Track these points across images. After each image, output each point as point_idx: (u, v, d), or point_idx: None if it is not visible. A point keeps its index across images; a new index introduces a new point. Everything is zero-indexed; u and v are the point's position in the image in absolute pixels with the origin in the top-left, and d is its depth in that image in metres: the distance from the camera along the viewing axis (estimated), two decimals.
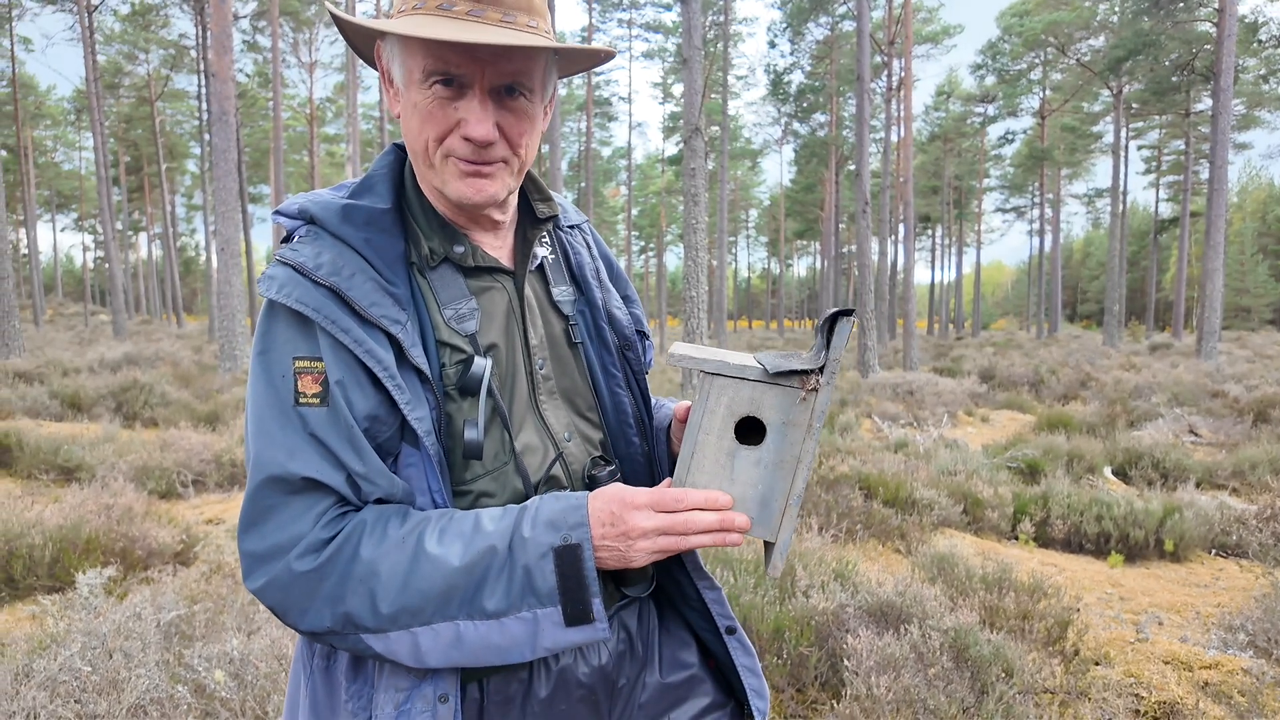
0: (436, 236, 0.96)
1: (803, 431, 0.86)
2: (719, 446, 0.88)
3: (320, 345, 0.85)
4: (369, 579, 0.81)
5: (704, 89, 11.25)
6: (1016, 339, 34.56)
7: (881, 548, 4.47)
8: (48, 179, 48.13)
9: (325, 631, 0.83)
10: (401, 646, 0.83)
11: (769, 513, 0.87)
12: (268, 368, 0.86)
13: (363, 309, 0.85)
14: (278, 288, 0.86)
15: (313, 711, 0.94)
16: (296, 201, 0.94)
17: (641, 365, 1.10)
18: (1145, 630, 3.20)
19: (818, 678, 2.55)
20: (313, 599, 0.82)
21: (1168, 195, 44.95)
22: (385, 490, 0.86)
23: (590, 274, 1.09)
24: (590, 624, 0.82)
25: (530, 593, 0.81)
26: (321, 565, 0.81)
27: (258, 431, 0.85)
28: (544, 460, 0.97)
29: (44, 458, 6.12)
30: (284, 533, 0.82)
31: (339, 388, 0.84)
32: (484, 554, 0.81)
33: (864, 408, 10.25)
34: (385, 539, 0.82)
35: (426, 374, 0.88)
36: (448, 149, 0.89)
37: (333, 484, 0.83)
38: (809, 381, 0.85)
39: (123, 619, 2.22)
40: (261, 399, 0.85)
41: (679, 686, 1.07)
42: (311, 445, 0.83)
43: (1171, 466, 6.52)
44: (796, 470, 0.85)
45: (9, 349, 14.58)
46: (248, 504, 0.84)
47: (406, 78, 0.88)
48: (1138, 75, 27.99)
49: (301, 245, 0.89)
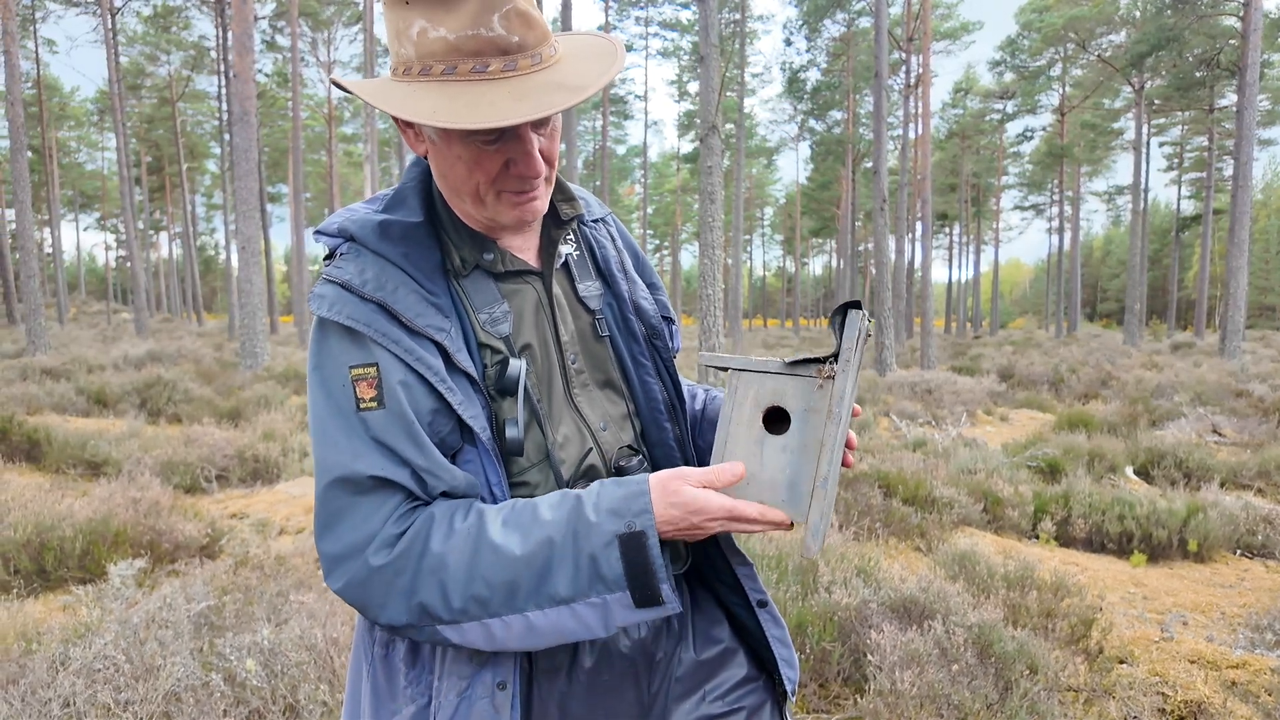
0: (467, 246, 0.99)
1: (823, 417, 0.90)
2: (749, 435, 0.94)
3: (373, 353, 0.88)
4: (439, 570, 0.84)
5: (720, 86, 11.23)
6: (1035, 338, 34.21)
7: (901, 546, 4.45)
8: (71, 179, 48.81)
9: (404, 625, 0.86)
10: (476, 636, 0.86)
11: (798, 494, 0.91)
12: (325, 380, 0.89)
13: (409, 320, 0.89)
14: (328, 306, 0.89)
15: (374, 697, 0.97)
16: (335, 220, 0.98)
17: (670, 353, 1.13)
18: (1170, 629, 3.18)
19: (840, 673, 2.56)
20: (389, 593, 0.85)
21: (1190, 192, 44.35)
22: (449, 483, 0.89)
23: (615, 267, 1.12)
24: (660, 605, 0.85)
25: (598, 580, 0.83)
26: (395, 559, 0.85)
27: (321, 439, 0.88)
28: (581, 450, 1.01)
29: (71, 452, 6.23)
30: (357, 532, 0.86)
31: (399, 388, 0.87)
32: (544, 544, 0.84)
33: (881, 406, 10.20)
34: (453, 532, 0.85)
35: (474, 376, 0.92)
36: (499, 186, 0.92)
37: (399, 480, 0.86)
38: (824, 370, 0.91)
39: (154, 609, 2.27)
40: (323, 410, 0.89)
41: (713, 661, 1.10)
42: (375, 447, 0.86)
43: (1195, 466, 6.44)
44: (820, 454, 0.89)
45: (35, 346, 14.83)
46: (319, 508, 0.88)
47: (443, 136, 0.88)
48: (1160, 70, 27.64)
49: (345, 263, 0.93)
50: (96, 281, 75.47)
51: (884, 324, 15.49)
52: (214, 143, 43.78)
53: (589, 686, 0.99)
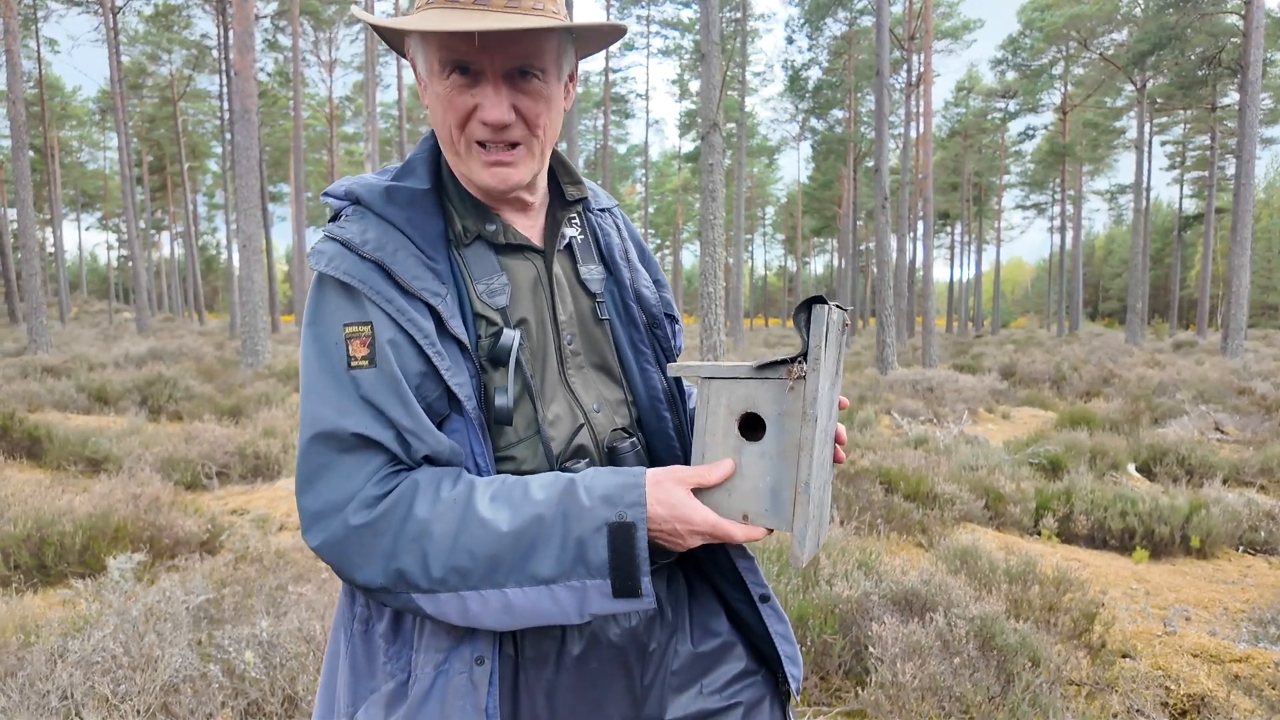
0: (470, 216, 1.00)
1: (798, 420, 0.88)
2: (725, 444, 0.92)
3: (368, 311, 0.89)
4: (421, 538, 0.84)
5: (721, 84, 11.22)
6: (1037, 337, 34.16)
7: (903, 541, 4.44)
8: (73, 179, 48.86)
9: (379, 589, 0.86)
10: (451, 608, 0.85)
11: (780, 502, 0.89)
12: (319, 337, 0.90)
13: (405, 282, 0.89)
14: (326, 260, 0.91)
15: (352, 672, 0.96)
16: (344, 184, 1.00)
17: (670, 343, 1.12)
18: (1173, 624, 3.17)
19: (841, 665, 2.55)
20: (368, 555, 0.85)
21: (1192, 191, 44.25)
22: (432, 447, 0.89)
23: (619, 255, 1.12)
24: (638, 598, 0.84)
25: (581, 563, 0.83)
26: (375, 520, 0.84)
27: (310, 394, 0.88)
28: (572, 428, 1.00)
29: (72, 449, 6.23)
30: (338, 490, 0.85)
31: (388, 347, 0.88)
32: (532, 521, 0.84)
33: (883, 404, 10.19)
34: (439, 499, 0.85)
35: (465, 344, 0.92)
36: (470, 136, 0.93)
37: (383, 440, 0.86)
38: (794, 370, 0.88)
39: (153, 601, 2.26)
40: (314, 365, 0.89)
41: (710, 654, 1.09)
42: (363, 406, 0.87)
43: (1197, 463, 6.42)
44: (800, 457, 0.87)
45: (37, 344, 14.84)
46: (301, 462, 0.88)
47: (428, 69, 0.94)
48: (1162, 69, 27.59)
49: (348, 223, 0.94)
50: (98, 281, 75.56)
51: (885, 323, 15.45)
52: (215, 142, 43.82)
53: (577, 675, 0.97)
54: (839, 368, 0.97)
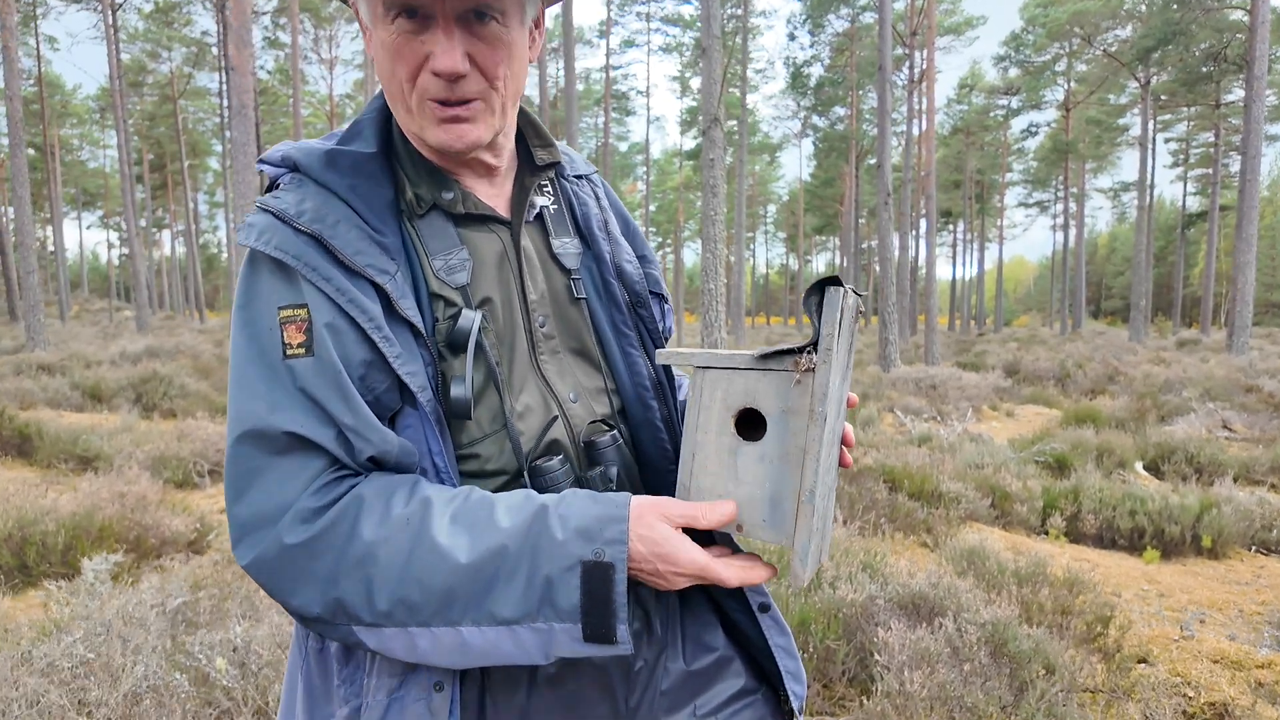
0: (424, 183, 0.88)
1: (804, 419, 0.76)
2: (719, 444, 0.80)
3: (304, 292, 0.78)
4: (366, 563, 0.73)
5: (723, 79, 11.10)
6: (1040, 335, 34.00)
7: (907, 541, 4.34)
8: (74, 177, 48.80)
9: (314, 618, 0.75)
10: (397, 645, 0.74)
11: (781, 514, 0.77)
12: (251, 321, 0.79)
13: (346, 257, 0.78)
14: (256, 235, 0.79)
15: (307, 695, 0.86)
16: (280, 149, 0.88)
17: (656, 324, 1.00)
18: (1190, 628, 3.05)
19: (845, 672, 2.44)
20: (302, 578, 0.74)
21: (1195, 189, 44.09)
22: (379, 447, 0.78)
23: (597, 225, 1.00)
24: (612, 644, 0.73)
25: (549, 605, 0.72)
26: (312, 539, 0.73)
27: (239, 387, 0.77)
28: (544, 421, 0.89)
29: (63, 447, 6.14)
30: (270, 499, 0.74)
31: (326, 332, 0.76)
32: (495, 553, 0.72)
33: (885, 402, 10.08)
34: (388, 517, 0.74)
35: (419, 327, 0.81)
36: (422, 89, 0.81)
37: (321, 441, 0.75)
38: (802, 361, 0.76)
39: (123, 605, 2.16)
40: (244, 354, 0.78)
41: (706, 671, 0.97)
42: (298, 401, 0.75)
43: (1206, 461, 6.31)
44: (804, 462, 0.75)
45: (34, 342, 14.76)
46: (229, 467, 0.76)
47: (371, 14, 0.82)
48: (1166, 65, 27.43)
49: (284, 193, 0.83)
50: (99, 279, 75.55)
51: (888, 320, 15.34)
52: (215, 140, 43.77)
53: (552, 698, 0.86)
54: (850, 360, 0.85)
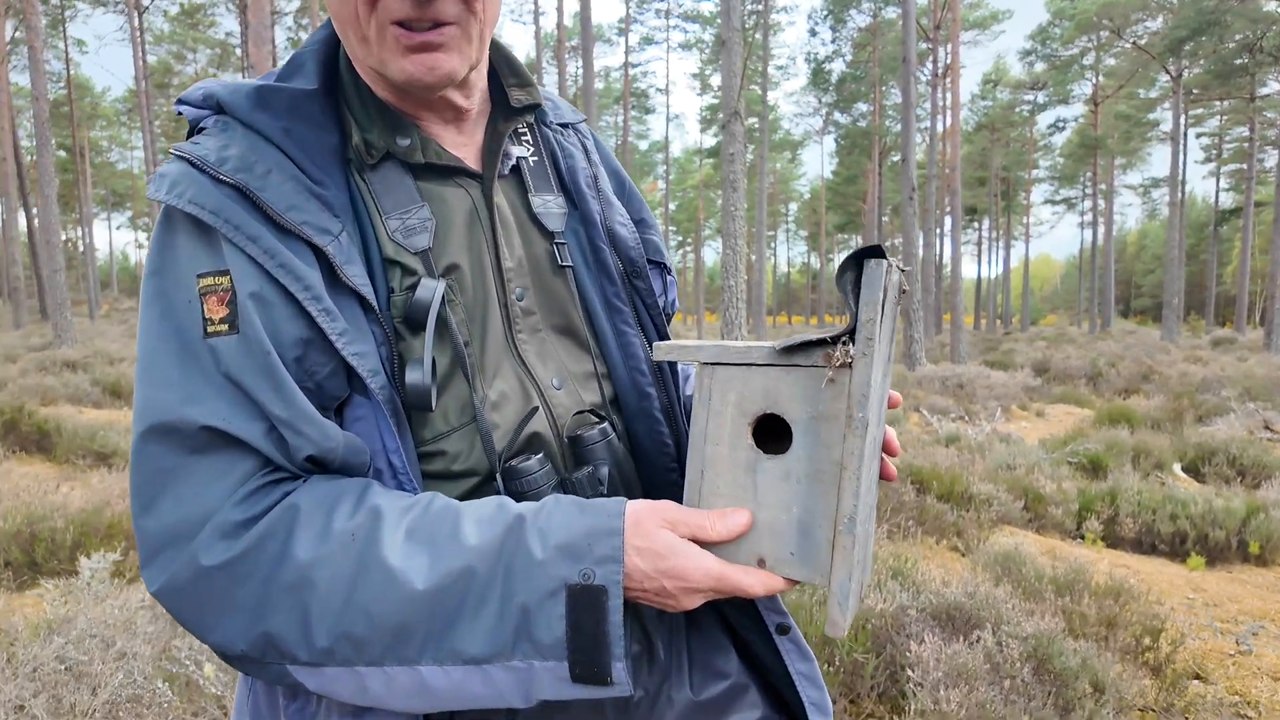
0: (376, 126, 0.73)
1: (839, 426, 0.60)
2: (733, 459, 0.65)
3: (226, 257, 0.63)
4: (301, 590, 0.59)
5: (742, 72, 10.93)
6: (1068, 333, 33.39)
7: (936, 545, 4.17)
8: (103, 178, 49.66)
9: (238, 656, 0.62)
10: (342, 687, 0.61)
11: (812, 544, 0.62)
12: (164, 293, 0.64)
13: (277, 213, 0.64)
14: (168, 187, 0.65)
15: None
16: (203, 86, 0.73)
17: (655, 298, 0.85)
18: (1246, 641, 2.86)
19: (874, 688, 2.29)
20: (223, 608, 0.60)
21: (1229, 185, 43.10)
22: (318, 444, 0.63)
23: (585, 180, 0.84)
24: (605, 685, 0.59)
25: (526, 640, 0.58)
26: (235, 560, 0.59)
27: (148, 372, 0.63)
28: (521, 412, 0.74)
29: (81, 443, 6.15)
30: (184, 510, 0.61)
31: (252, 303, 0.62)
32: (459, 576, 0.59)
33: (911, 401, 9.88)
34: (329, 532, 0.60)
35: (369, 299, 0.66)
36: (384, 10, 0.65)
37: (248, 438, 0.61)
38: (834, 355, 0.60)
39: (109, 608, 2.07)
40: (155, 333, 0.64)
41: (716, 702, 0.83)
42: (221, 389, 0.62)
43: (1249, 463, 6.06)
44: (842, 481, 0.59)
45: (61, 339, 14.95)
46: (133, 470, 0.63)
47: None
48: (1199, 57, 26.78)
49: (205, 138, 0.69)
50: (129, 280, 76.88)
51: (913, 317, 15.08)
52: None
53: None
54: (891, 352, 0.69)
